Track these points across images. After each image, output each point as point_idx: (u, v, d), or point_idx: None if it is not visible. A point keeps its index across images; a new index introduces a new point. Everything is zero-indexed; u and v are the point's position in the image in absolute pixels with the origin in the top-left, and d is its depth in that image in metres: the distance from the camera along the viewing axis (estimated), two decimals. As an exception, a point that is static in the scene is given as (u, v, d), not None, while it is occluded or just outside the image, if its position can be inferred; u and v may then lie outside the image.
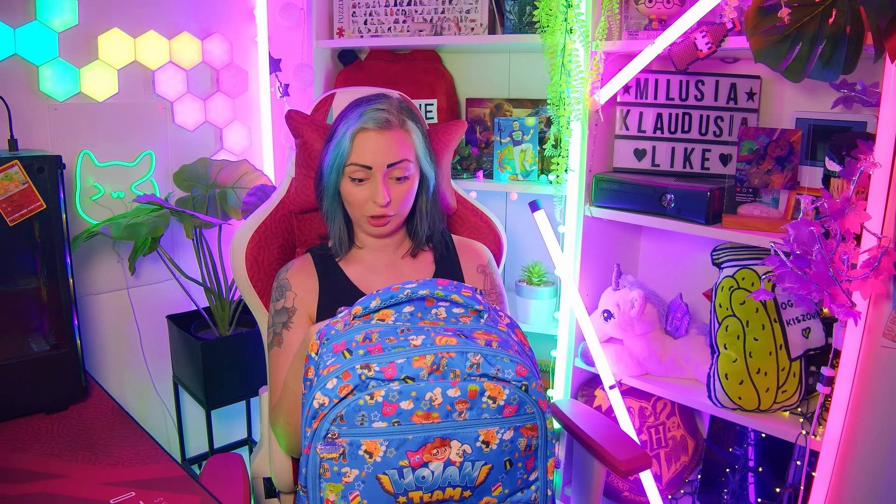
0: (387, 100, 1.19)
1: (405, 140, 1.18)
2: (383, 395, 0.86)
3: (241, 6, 2.12)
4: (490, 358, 0.88)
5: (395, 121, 1.17)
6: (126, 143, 1.92)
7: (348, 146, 1.16)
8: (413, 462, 0.88)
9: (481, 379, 0.88)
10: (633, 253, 1.94)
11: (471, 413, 0.88)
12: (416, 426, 0.87)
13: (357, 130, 1.15)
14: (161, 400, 2.12)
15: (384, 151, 1.15)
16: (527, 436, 0.91)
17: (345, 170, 1.17)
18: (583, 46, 1.54)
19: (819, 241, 1.21)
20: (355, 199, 1.18)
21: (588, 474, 1.33)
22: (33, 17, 1.71)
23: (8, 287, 1.47)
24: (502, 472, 0.91)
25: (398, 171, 1.17)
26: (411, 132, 1.19)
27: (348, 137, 1.16)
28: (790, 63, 1.20)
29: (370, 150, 1.15)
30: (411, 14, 1.94)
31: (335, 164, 1.18)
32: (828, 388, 1.35)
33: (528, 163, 1.81)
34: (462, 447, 0.89)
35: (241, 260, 1.30)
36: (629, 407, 1.77)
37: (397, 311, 0.97)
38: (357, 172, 1.16)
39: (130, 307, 2.00)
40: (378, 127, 1.15)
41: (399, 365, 0.87)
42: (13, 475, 1.20)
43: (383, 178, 1.16)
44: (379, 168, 1.16)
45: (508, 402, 0.89)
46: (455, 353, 0.88)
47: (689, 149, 1.69)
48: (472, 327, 0.94)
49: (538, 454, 0.94)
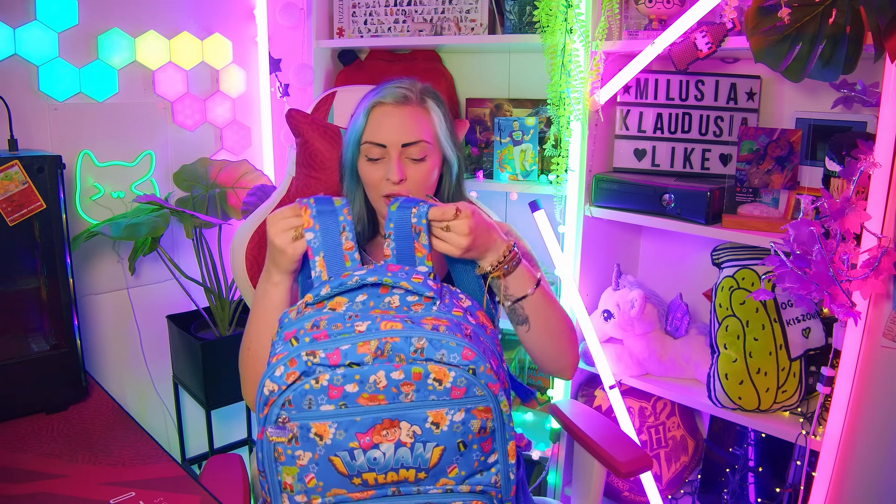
0: (410, 80, 1.16)
1: (423, 119, 1.13)
2: (328, 379, 0.88)
3: (241, 6, 2.12)
4: (435, 342, 0.88)
5: (415, 98, 1.13)
6: (126, 143, 1.92)
7: (363, 121, 1.13)
8: (363, 444, 0.89)
9: (426, 362, 0.88)
10: (633, 253, 1.94)
11: (417, 395, 0.89)
12: (362, 408, 0.88)
13: (373, 104, 1.12)
14: (161, 400, 2.12)
15: (399, 129, 1.11)
16: (480, 417, 0.91)
17: (361, 147, 1.14)
18: (583, 46, 1.54)
19: (819, 241, 1.21)
20: (370, 178, 1.14)
21: (588, 475, 1.33)
22: (33, 17, 1.70)
23: (8, 287, 1.47)
24: (456, 453, 0.91)
25: (414, 151, 1.12)
26: (431, 111, 1.14)
27: (363, 111, 1.13)
28: (790, 63, 1.20)
29: (385, 126, 1.11)
30: (411, 14, 1.94)
31: (351, 140, 1.15)
32: (828, 388, 1.35)
33: (528, 163, 1.81)
34: (412, 428, 0.89)
35: (241, 259, 1.30)
36: (629, 407, 1.77)
37: (350, 299, 0.97)
38: (372, 151, 1.12)
39: (130, 307, 2.00)
40: (395, 101, 1.12)
41: (343, 351, 0.88)
42: (13, 475, 1.20)
43: (398, 157, 1.11)
44: (393, 147, 1.11)
45: (455, 385, 0.89)
46: (399, 337, 0.88)
47: (689, 149, 1.69)
48: (423, 315, 0.94)
49: (496, 437, 0.93)
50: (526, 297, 1.09)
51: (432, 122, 1.14)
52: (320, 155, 1.33)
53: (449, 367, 0.88)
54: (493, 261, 1.06)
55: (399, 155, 1.11)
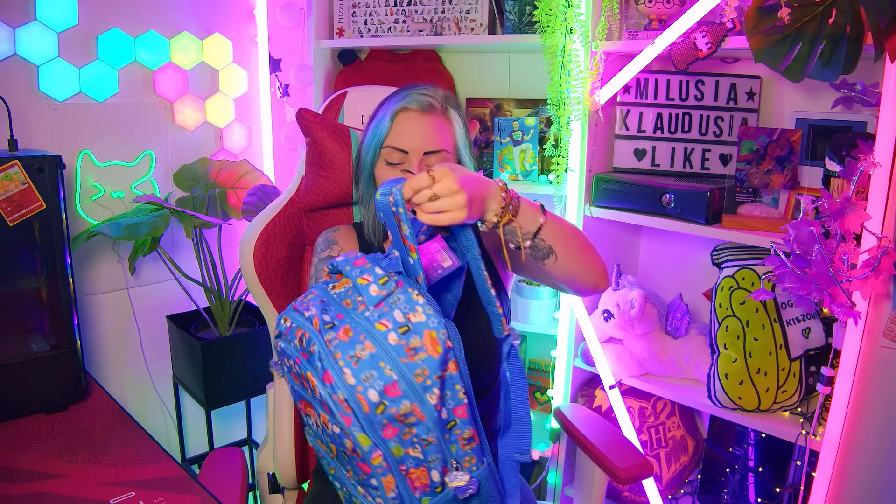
0: (431, 88, 1.17)
1: (446, 128, 1.15)
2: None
3: (241, 6, 2.12)
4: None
5: (439, 107, 1.15)
6: (126, 143, 1.92)
7: (388, 125, 1.14)
8: None
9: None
10: (633, 253, 1.94)
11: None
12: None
13: (399, 109, 1.14)
14: (161, 400, 2.12)
15: (423, 136, 1.13)
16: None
17: (381, 151, 1.15)
18: (583, 46, 1.54)
19: (819, 241, 1.21)
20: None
21: (589, 478, 1.33)
22: (33, 17, 1.70)
23: (8, 287, 1.47)
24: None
25: (434, 159, 1.13)
26: (453, 121, 1.17)
27: (389, 116, 1.14)
28: (790, 63, 1.20)
29: (409, 132, 1.13)
30: (411, 14, 1.94)
31: (373, 143, 1.15)
32: (828, 388, 1.35)
33: (528, 163, 1.81)
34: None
35: (249, 257, 1.30)
36: (629, 407, 1.77)
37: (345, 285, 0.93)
38: (393, 155, 1.14)
39: (130, 307, 2.00)
40: (420, 109, 1.13)
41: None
42: (13, 475, 1.20)
43: (418, 164, 1.12)
44: (415, 153, 1.13)
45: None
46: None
47: (689, 149, 1.69)
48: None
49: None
50: (541, 228, 0.99)
51: (453, 132, 1.16)
52: (330, 154, 1.34)
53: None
54: (497, 208, 0.94)
55: (420, 162, 1.12)
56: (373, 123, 1.18)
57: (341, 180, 1.35)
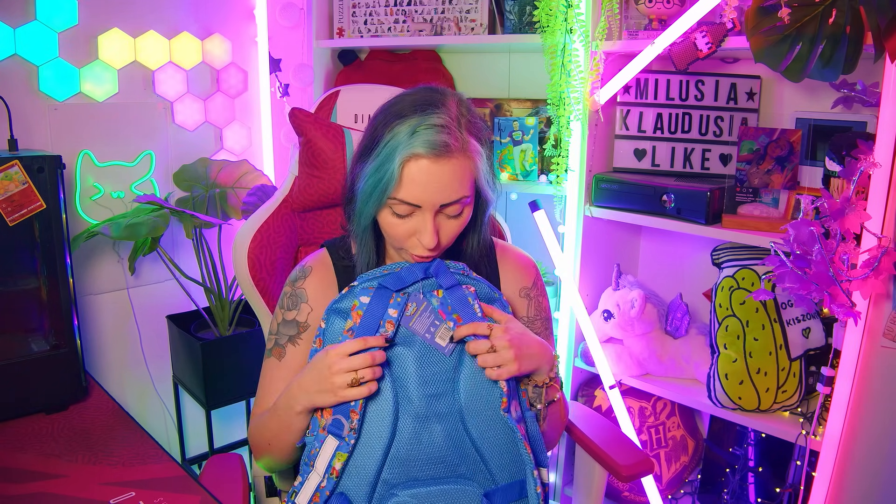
0: (444, 109, 0.94)
1: (466, 170, 0.95)
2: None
3: (241, 6, 2.12)
4: None
5: (457, 145, 0.93)
6: (126, 143, 1.92)
7: (396, 176, 0.92)
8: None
9: None
10: (633, 253, 1.94)
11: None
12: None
13: (408, 157, 0.92)
14: (161, 400, 2.12)
15: (438, 189, 0.93)
16: None
17: (387, 201, 0.96)
18: (583, 46, 1.54)
19: (819, 241, 1.21)
20: (396, 232, 0.98)
21: (589, 477, 1.33)
22: (33, 17, 1.70)
23: (8, 287, 1.47)
24: None
25: (453, 209, 0.97)
26: (474, 156, 0.96)
27: (397, 165, 0.92)
28: (790, 63, 1.20)
29: (421, 186, 0.93)
30: (411, 14, 1.94)
31: (375, 192, 0.95)
32: (828, 388, 1.35)
33: (528, 163, 1.81)
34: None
35: (243, 259, 1.30)
36: (629, 407, 1.77)
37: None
38: (401, 207, 0.95)
39: (130, 307, 2.00)
40: (435, 154, 0.92)
41: None
42: (13, 475, 1.20)
43: (433, 217, 0.96)
44: (430, 207, 0.95)
45: None
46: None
47: (689, 149, 1.69)
48: None
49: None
50: (553, 402, 1.06)
51: (474, 170, 0.97)
52: (323, 154, 1.33)
53: None
54: (545, 375, 1.00)
55: (435, 215, 0.96)
56: (372, 163, 0.95)
57: (335, 180, 1.33)
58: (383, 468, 0.94)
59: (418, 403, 0.94)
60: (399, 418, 0.94)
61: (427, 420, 0.95)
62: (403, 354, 0.96)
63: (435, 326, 0.96)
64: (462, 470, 0.96)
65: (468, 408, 0.95)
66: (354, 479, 0.94)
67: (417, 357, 0.95)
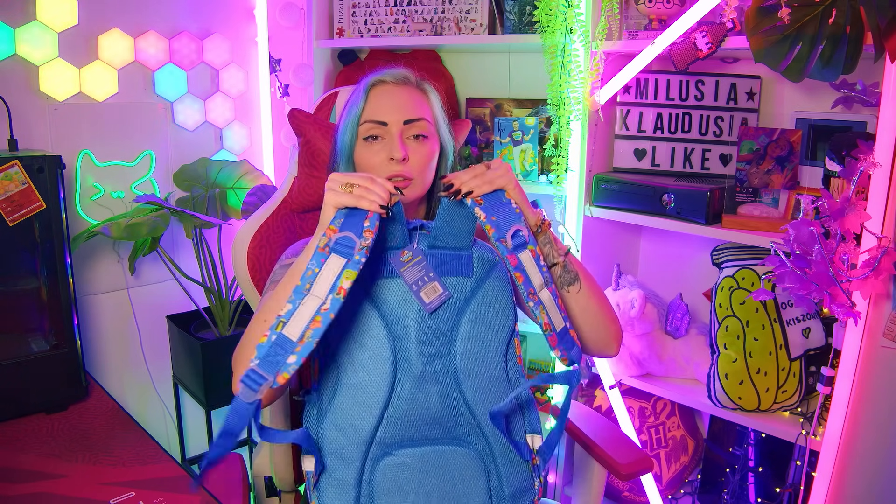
0: (406, 67, 1.16)
1: (423, 100, 1.14)
2: None
3: (241, 6, 2.12)
4: None
5: (413, 79, 1.14)
6: (126, 143, 1.92)
7: (363, 99, 1.11)
8: None
9: None
10: (633, 253, 1.94)
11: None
12: None
13: (373, 83, 1.12)
14: (161, 400, 2.12)
15: (400, 106, 1.10)
16: None
17: (359, 129, 1.10)
18: (583, 46, 1.54)
19: (819, 241, 1.21)
20: (370, 161, 1.09)
21: (589, 476, 1.33)
22: (33, 17, 1.70)
23: (8, 287, 1.47)
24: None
25: (415, 128, 1.10)
26: (429, 93, 1.15)
27: (363, 90, 1.11)
28: (790, 63, 1.20)
29: (386, 104, 1.10)
30: (411, 14, 1.94)
31: (349, 122, 1.11)
32: (828, 388, 1.35)
33: (528, 163, 1.81)
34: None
35: (242, 259, 1.30)
36: (629, 407, 1.77)
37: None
38: (372, 129, 1.09)
39: (130, 307, 2.00)
40: (395, 81, 1.12)
41: None
42: (13, 475, 1.20)
43: (399, 135, 1.09)
44: (395, 124, 1.09)
45: None
46: None
47: (689, 149, 1.69)
48: None
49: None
50: (569, 252, 1.05)
51: (430, 104, 1.15)
52: (322, 155, 1.33)
53: None
54: (535, 217, 1.02)
55: (401, 133, 1.09)
56: (347, 106, 1.14)
57: None
58: (379, 427, 0.95)
59: (416, 363, 0.96)
60: (397, 377, 0.96)
61: (423, 380, 0.96)
62: (404, 314, 0.96)
63: (423, 282, 0.97)
64: (458, 432, 0.98)
65: (464, 369, 0.97)
66: (350, 438, 0.94)
67: (416, 317, 0.97)
